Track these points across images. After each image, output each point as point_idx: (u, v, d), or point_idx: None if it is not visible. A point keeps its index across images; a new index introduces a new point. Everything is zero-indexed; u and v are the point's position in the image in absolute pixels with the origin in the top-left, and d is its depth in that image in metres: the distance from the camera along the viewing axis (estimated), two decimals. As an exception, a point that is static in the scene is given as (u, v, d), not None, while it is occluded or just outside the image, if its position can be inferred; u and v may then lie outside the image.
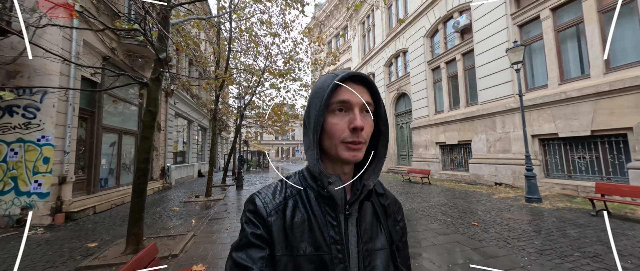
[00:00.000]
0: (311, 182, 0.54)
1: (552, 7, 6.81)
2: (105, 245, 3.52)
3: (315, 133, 0.49)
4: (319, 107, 0.49)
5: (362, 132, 0.48)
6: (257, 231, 0.49)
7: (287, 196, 0.54)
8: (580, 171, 6.27)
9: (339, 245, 0.49)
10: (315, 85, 0.54)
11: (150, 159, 3.41)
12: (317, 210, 0.52)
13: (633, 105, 5.17)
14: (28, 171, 4.55)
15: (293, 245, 0.48)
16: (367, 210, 0.56)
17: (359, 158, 0.49)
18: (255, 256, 0.47)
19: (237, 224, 4.56)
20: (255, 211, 0.51)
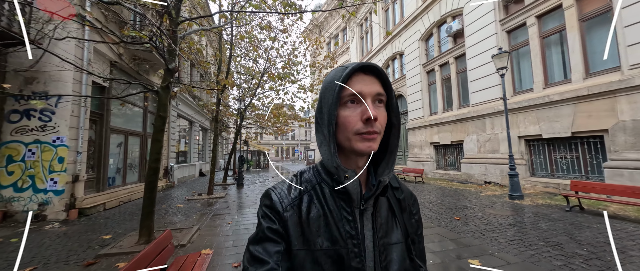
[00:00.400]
0: (326, 177, 0.54)
1: (538, 15, 7.17)
2: (119, 237, 3.88)
3: (330, 127, 0.49)
4: (332, 100, 0.49)
5: (376, 122, 0.48)
6: (273, 226, 0.50)
7: (302, 191, 0.54)
8: (562, 170, 6.63)
9: (355, 239, 0.50)
10: (325, 79, 0.53)
11: (160, 160, 3.76)
12: (332, 205, 0.52)
13: (608, 108, 5.53)
14: (44, 170, 4.91)
15: (310, 240, 0.49)
16: (382, 205, 0.56)
17: (374, 148, 0.49)
18: (271, 250, 0.47)
19: (239, 219, 4.91)
20: (271, 206, 0.52)
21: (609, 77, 5.61)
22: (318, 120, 0.53)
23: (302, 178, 0.57)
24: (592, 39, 6.12)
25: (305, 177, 0.57)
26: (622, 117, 5.32)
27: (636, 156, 5.07)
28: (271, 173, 18.13)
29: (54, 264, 2.98)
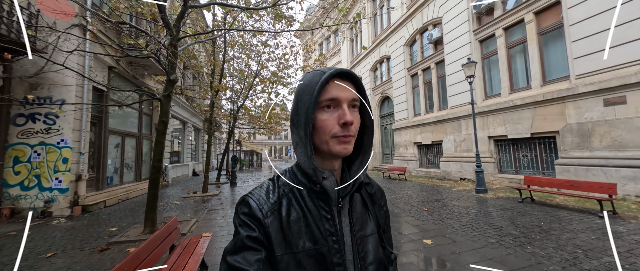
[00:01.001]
0: (302, 179, 0.55)
1: (505, 27, 7.94)
2: (124, 229, 4.34)
3: (307, 130, 0.50)
4: (309, 104, 0.50)
5: (351, 126, 0.50)
6: (253, 234, 0.49)
7: (280, 195, 0.54)
8: (524, 167, 7.43)
9: (335, 236, 0.52)
10: (302, 82, 0.54)
11: (162, 159, 4.24)
12: (311, 205, 0.53)
13: (559, 112, 6.32)
14: (49, 170, 5.28)
15: (292, 243, 0.49)
16: (356, 201, 0.59)
17: (349, 151, 0.51)
18: (251, 259, 0.47)
19: (232, 214, 5.42)
20: (251, 214, 0.51)
21: (560, 85, 6.41)
22: (294, 122, 0.54)
23: (279, 182, 0.57)
24: (548, 50, 6.92)
25: (281, 180, 0.58)
26: (569, 120, 6.11)
27: (580, 154, 5.86)
28: (264, 172, 18.55)
29: (71, 250, 3.44)
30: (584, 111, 5.84)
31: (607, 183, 4.30)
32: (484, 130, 8.38)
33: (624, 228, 3.62)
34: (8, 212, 4.93)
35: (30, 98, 4.92)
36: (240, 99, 11.07)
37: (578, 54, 5.95)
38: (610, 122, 5.40)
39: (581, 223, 3.93)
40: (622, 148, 5.21)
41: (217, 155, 22.52)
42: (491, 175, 8.00)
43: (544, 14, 6.92)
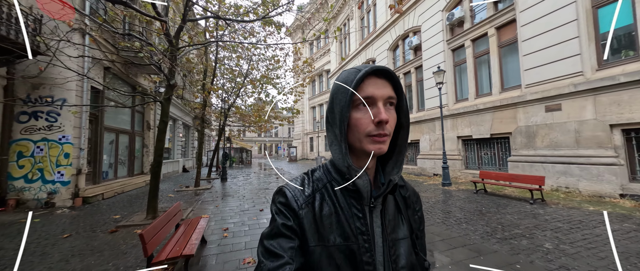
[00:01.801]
0: (336, 176, 0.56)
1: (473, 39, 8.88)
2: (127, 216, 4.87)
3: (341, 128, 0.51)
4: (344, 102, 0.50)
5: (386, 125, 0.49)
6: (288, 223, 0.51)
7: (314, 189, 0.56)
8: (485, 163, 8.44)
9: (365, 235, 0.52)
10: (337, 80, 0.55)
11: (162, 154, 4.79)
12: (343, 202, 0.54)
13: (512, 116, 7.30)
14: (52, 164, 5.69)
15: (324, 236, 0.51)
16: (390, 203, 0.59)
17: (384, 150, 0.51)
18: (285, 246, 0.49)
19: (224, 204, 6.03)
20: (287, 204, 0.53)
21: (513, 93, 7.39)
22: (329, 120, 0.55)
23: (314, 177, 0.59)
24: (506, 62, 7.89)
25: (316, 175, 0.59)
26: (519, 124, 7.10)
27: (526, 152, 6.87)
28: (254, 169, 19.06)
29: (84, 232, 3.97)
30: (530, 116, 6.83)
31: (538, 176, 5.25)
32: (454, 130, 9.34)
33: (542, 210, 4.56)
34: (13, 203, 5.32)
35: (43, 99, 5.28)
36: (232, 97, 11.52)
37: (527, 67, 6.93)
38: (549, 125, 6.40)
39: (513, 208, 4.85)
40: (557, 147, 6.22)
41: (206, 152, 22.74)
42: (459, 171, 8.98)
43: (503, 29, 7.88)
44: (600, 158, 5.44)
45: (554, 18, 6.28)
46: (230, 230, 4.02)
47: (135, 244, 3.46)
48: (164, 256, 2.32)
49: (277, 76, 11.25)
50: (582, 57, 5.83)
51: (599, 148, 5.50)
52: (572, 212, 4.43)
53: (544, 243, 3.14)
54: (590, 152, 5.63)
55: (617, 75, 5.17)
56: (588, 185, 5.57)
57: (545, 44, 6.49)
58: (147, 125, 10.71)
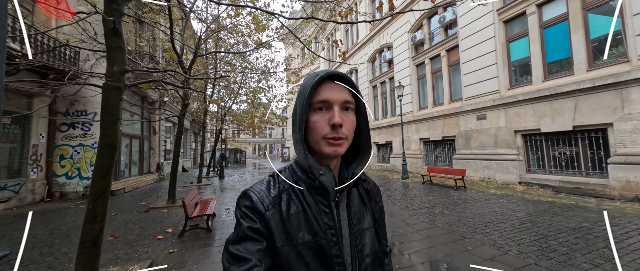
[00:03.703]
0: (301, 175, 0.58)
1: (430, 57, 10.69)
2: (152, 202, 6.42)
3: (300, 130, 0.54)
4: (302, 105, 0.53)
5: (341, 128, 0.51)
6: (254, 226, 0.52)
7: (280, 190, 0.57)
8: (439, 161, 10.27)
9: (333, 229, 0.54)
10: (301, 84, 0.58)
11: (179, 155, 6.35)
12: (310, 200, 0.56)
13: (456, 123, 9.13)
14: (86, 164, 7.16)
15: (292, 235, 0.52)
16: (354, 195, 0.62)
17: (340, 153, 0.53)
18: (252, 249, 0.49)
19: (223, 195, 7.61)
20: (252, 207, 0.54)
21: (457, 104, 9.21)
22: (293, 121, 0.58)
23: (279, 178, 0.60)
24: (454, 79, 9.71)
25: (281, 176, 0.61)
26: (461, 129, 8.93)
27: (464, 151, 8.69)
28: (248, 168, 20.54)
29: (126, 212, 5.52)
30: (467, 122, 8.66)
31: (461, 169, 7.05)
32: (417, 133, 11.14)
33: (456, 193, 6.33)
34: (58, 194, 6.80)
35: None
36: (228, 103, 13.01)
37: (465, 84, 8.75)
38: (479, 130, 8.23)
39: (440, 192, 6.61)
40: (483, 147, 8.06)
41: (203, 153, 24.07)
42: (420, 167, 10.78)
43: (451, 52, 9.71)
44: (508, 155, 7.28)
45: (481, 47, 8.11)
46: (230, 209, 5.64)
47: (166, 217, 5.05)
48: (196, 214, 3.94)
49: (268, 86, 12.82)
50: (498, 79, 7.67)
51: (508, 148, 7.34)
52: (476, 194, 6.22)
53: (444, 210, 4.88)
54: (503, 151, 7.47)
55: (517, 95, 7.01)
56: (501, 176, 7.41)
57: (476, 67, 8.32)
58: (153, 130, 12.16)
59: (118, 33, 2.38)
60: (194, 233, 4.03)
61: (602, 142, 5.57)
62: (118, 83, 2.48)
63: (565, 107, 6.03)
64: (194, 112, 14.73)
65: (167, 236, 3.92)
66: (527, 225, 3.81)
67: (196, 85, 8.65)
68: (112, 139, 2.53)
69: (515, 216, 4.26)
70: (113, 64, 2.47)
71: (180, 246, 3.51)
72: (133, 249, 3.45)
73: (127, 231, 4.26)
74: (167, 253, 3.26)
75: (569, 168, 6.16)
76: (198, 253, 3.26)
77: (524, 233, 3.51)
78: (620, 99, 5.15)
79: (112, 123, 2.54)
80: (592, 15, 5.85)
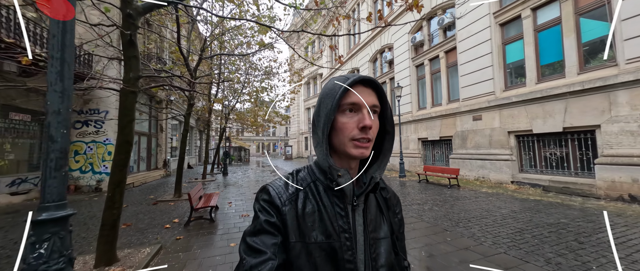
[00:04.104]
0: (320, 176, 0.58)
1: (430, 59, 10.87)
2: (160, 195, 6.82)
3: (324, 130, 0.54)
4: (331, 106, 0.53)
5: (370, 131, 0.52)
6: (271, 219, 0.52)
7: (298, 188, 0.57)
8: (436, 160, 10.47)
9: (347, 233, 0.53)
10: (325, 87, 0.58)
11: (185, 152, 6.73)
12: (326, 201, 0.55)
13: (453, 123, 9.32)
14: (99, 159, 7.62)
15: (305, 233, 0.52)
16: (371, 202, 0.61)
17: (366, 155, 0.53)
18: (268, 242, 0.50)
19: (226, 190, 7.98)
20: (270, 201, 0.55)
21: (454, 105, 9.39)
22: (315, 122, 0.58)
23: (298, 176, 0.61)
24: (452, 80, 9.88)
25: (300, 175, 0.61)
26: (457, 129, 9.12)
27: (461, 151, 8.88)
28: (252, 166, 20.98)
29: (136, 204, 5.92)
30: (463, 123, 8.85)
31: (455, 169, 7.27)
32: (416, 133, 11.35)
33: (449, 191, 6.56)
34: (73, 187, 7.26)
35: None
36: (232, 102, 13.39)
37: (463, 85, 8.93)
38: (474, 131, 8.42)
39: (434, 190, 6.85)
40: (479, 148, 8.25)
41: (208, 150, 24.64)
42: (418, 166, 11.00)
43: (449, 53, 9.88)
44: (502, 155, 7.47)
45: (478, 50, 8.28)
46: (232, 203, 6.00)
47: (173, 209, 5.43)
48: (200, 205, 4.30)
49: (270, 86, 13.16)
50: (494, 80, 7.84)
51: (502, 148, 7.53)
52: (467, 193, 6.44)
53: (434, 207, 5.14)
54: (497, 151, 7.65)
55: (511, 96, 7.18)
56: (495, 175, 7.60)
57: (473, 69, 8.49)
58: (160, 128, 12.64)
59: (134, 44, 2.72)
60: (199, 223, 4.39)
61: (590, 143, 5.74)
62: (133, 88, 2.82)
63: (556, 109, 6.20)
64: (199, 110, 15.16)
65: (174, 226, 4.29)
66: (508, 221, 4.05)
67: (201, 88, 9.01)
68: (128, 137, 2.88)
69: (499, 213, 4.50)
70: (129, 71, 2.81)
71: (186, 234, 3.86)
72: (144, 235, 3.82)
73: (138, 220, 4.65)
74: (174, 240, 3.62)
75: (559, 168, 6.34)
76: (202, 240, 3.61)
77: (503, 227, 3.76)
78: (608, 102, 5.32)
79: (128, 122, 2.89)
80: (583, 19, 6.00)
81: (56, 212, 1.10)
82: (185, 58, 5.99)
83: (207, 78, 8.23)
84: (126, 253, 3.07)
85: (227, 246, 3.37)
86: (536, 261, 2.67)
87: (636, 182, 4.83)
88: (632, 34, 5.01)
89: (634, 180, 4.86)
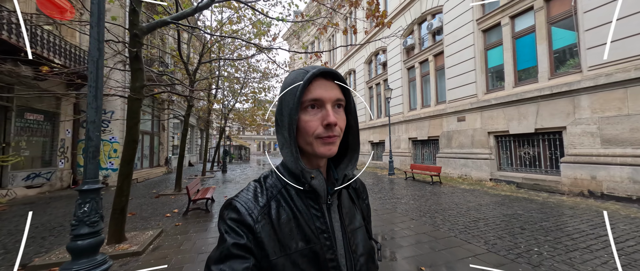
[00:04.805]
0: (290, 179, 0.55)
1: (420, 62, 11.31)
2: (161, 190, 7.37)
3: (291, 131, 0.50)
4: (292, 104, 0.49)
5: (335, 127, 0.49)
6: (241, 241, 0.47)
7: (269, 197, 0.53)
8: (425, 159, 10.94)
9: (326, 233, 0.52)
10: (285, 82, 0.54)
11: (184, 150, 7.26)
12: (300, 205, 0.53)
13: (440, 124, 9.77)
14: (105, 156, 8.18)
15: (285, 245, 0.49)
16: (344, 196, 0.60)
17: (334, 152, 0.51)
18: (238, 268, 0.45)
19: (223, 186, 8.51)
20: (239, 220, 0.49)
21: (441, 106, 9.85)
22: (278, 122, 0.54)
23: (266, 184, 0.56)
24: (440, 82, 10.33)
25: (268, 182, 0.57)
26: (444, 129, 9.58)
27: (446, 151, 9.35)
28: (252, 164, 21.56)
29: (137, 198, 6.46)
30: (449, 124, 9.31)
31: (437, 166, 7.74)
32: (407, 133, 11.82)
33: (430, 187, 7.04)
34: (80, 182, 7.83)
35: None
36: (232, 101, 13.90)
37: (449, 87, 9.38)
38: (458, 131, 8.88)
39: (416, 187, 7.33)
40: (462, 147, 8.71)
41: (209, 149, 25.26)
42: (408, 165, 11.46)
43: (438, 57, 10.32)
44: (483, 154, 7.93)
45: (462, 54, 8.72)
46: (228, 196, 6.51)
47: (173, 201, 5.97)
48: (198, 197, 4.82)
49: (268, 87, 13.66)
50: (477, 84, 8.28)
51: (482, 148, 7.98)
52: (447, 189, 6.92)
53: (410, 201, 5.63)
54: (478, 150, 8.11)
55: (491, 99, 7.64)
56: (476, 174, 8.06)
57: (458, 72, 8.94)
58: (162, 127, 13.21)
59: (139, 58, 3.23)
60: (196, 213, 4.92)
61: (558, 144, 6.19)
62: (139, 95, 3.33)
63: (529, 111, 6.65)
64: (199, 110, 15.70)
65: (174, 215, 4.82)
66: (470, 212, 4.53)
67: (200, 88, 9.53)
68: (134, 136, 3.40)
69: (465, 206, 4.98)
70: (135, 81, 3.32)
71: (184, 221, 4.39)
72: (147, 222, 4.36)
73: (142, 210, 5.18)
74: (173, 226, 4.15)
75: (532, 166, 6.79)
76: (198, 226, 4.13)
77: (463, 217, 4.24)
78: (573, 105, 5.77)
79: (134, 124, 3.41)
80: (555, 28, 6.44)
81: (92, 185, 1.69)
82: (185, 63, 6.51)
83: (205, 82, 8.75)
84: (132, 235, 3.60)
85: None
86: (477, 242, 3.16)
87: (594, 179, 5.29)
88: (593, 44, 5.45)
89: (592, 177, 5.32)
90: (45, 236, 3.68)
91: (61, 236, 3.71)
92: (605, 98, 5.25)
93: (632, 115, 4.87)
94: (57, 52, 6.48)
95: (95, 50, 1.87)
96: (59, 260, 2.80)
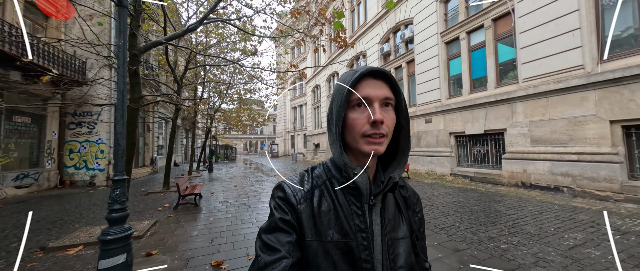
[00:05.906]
0: (335, 173, 0.57)
1: (395, 67, 12.29)
2: (149, 188, 7.79)
3: (337, 128, 0.52)
4: (340, 102, 0.52)
5: (382, 125, 0.50)
6: (286, 217, 0.52)
7: (313, 185, 0.57)
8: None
9: (364, 233, 0.52)
10: (337, 81, 0.56)
11: (173, 150, 7.72)
12: (342, 199, 0.54)
13: (412, 125, 10.79)
14: (92, 157, 8.43)
15: (321, 232, 0.51)
16: (389, 201, 0.59)
17: (380, 151, 0.51)
18: (283, 240, 0.50)
19: (210, 184, 9.01)
20: (285, 199, 0.54)
21: (412, 109, 10.87)
22: (329, 120, 0.56)
23: (313, 174, 0.60)
24: (412, 87, 11.35)
25: (315, 172, 0.60)
26: (414, 130, 10.60)
27: (416, 149, 10.38)
28: (238, 163, 21.87)
29: (131, 195, 6.88)
30: (419, 125, 10.34)
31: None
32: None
33: (397, 183, 7.97)
34: (69, 182, 8.07)
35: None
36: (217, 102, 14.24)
37: (418, 92, 10.41)
38: (426, 132, 9.92)
39: (386, 182, 8.24)
40: (429, 146, 9.75)
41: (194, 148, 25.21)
42: (384, 163, 12.46)
43: (410, 64, 11.33)
44: (445, 152, 8.99)
45: (429, 63, 9.75)
46: (215, 193, 7.09)
47: (163, 198, 6.47)
48: (188, 192, 5.40)
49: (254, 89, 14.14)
50: (440, 90, 9.33)
51: (445, 146, 9.05)
52: (411, 183, 7.87)
53: (371, 193, 6.48)
54: (441, 149, 9.17)
55: (451, 104, 8.69)
56: (439, 169, 9.12)
57: (426, 79, 9.97)
58: (147, 127, 13.37)
59: (137, 74, 3.79)
60: (185, 207, 5.49)
61: (501, 143, 7.30)
62: (136, 105, 3.90)
63: (480, 115, 7.73)
64: (185, 110, 15.90)
65: (165, 209, 5.36)
66: (423, 201, 5.44)
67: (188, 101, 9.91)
68: (133, 140, 3.96)
69: (422, 197, 5.90)
70: (134, 93, 3.88)
71: (175, 214, 4.96)
72: (142, 215, 4.89)
73: (135, 206, 5.68)
74: (166, 217, 4.72)
75: (482, 162, 7.90)
76: (188, 217, 4.72)
77: (415, 205, 5.13)
78: (511, 111, 6.87)
79: (133, 129, 3.96)
80: (500, 44, 7.54)
81: (121, 176, 2.31)
82: (173, 70, 6.98)
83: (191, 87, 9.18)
84: (131, 224, 4.14)
85: (207, 220, 4.52)
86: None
87: (525, 172, 6.40)
88: (526, 60, 6.55)
89: (524, 171, 6.43)
90: (50, 228, 4.14)
91: (65, 227, 4.19)
92: (533, 106, 6.36)
93: (552, 119, 5.99)
94: (49, 59, 6.73)
95: (122, 83, 2.48)
96: (72, 243, 3.33)
